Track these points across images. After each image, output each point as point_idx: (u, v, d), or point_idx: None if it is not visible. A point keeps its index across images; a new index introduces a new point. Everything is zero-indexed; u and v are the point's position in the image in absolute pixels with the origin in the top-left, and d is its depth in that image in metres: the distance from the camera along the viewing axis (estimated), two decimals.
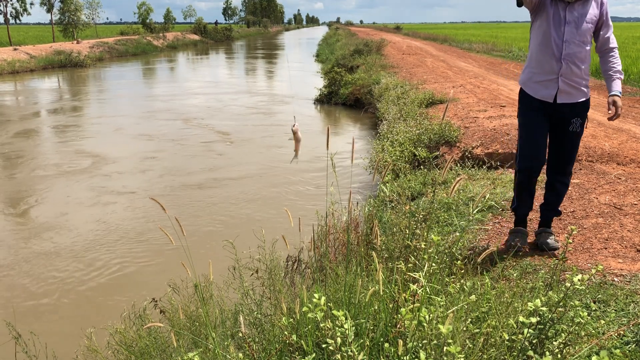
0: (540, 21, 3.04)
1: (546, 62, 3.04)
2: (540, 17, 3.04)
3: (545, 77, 3.07)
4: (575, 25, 2.97)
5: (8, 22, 33.79)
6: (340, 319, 1.70)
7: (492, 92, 10.46)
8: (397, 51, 23.68)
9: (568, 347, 1.88)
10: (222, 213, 6.67)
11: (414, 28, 68.10)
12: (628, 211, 3.89)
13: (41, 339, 2.75)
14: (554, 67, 3.02)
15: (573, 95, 3.07)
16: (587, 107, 3.15)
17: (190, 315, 2.82)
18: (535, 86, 3.13)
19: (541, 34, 3.03)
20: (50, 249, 5.65)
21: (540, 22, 3.04)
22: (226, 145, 10.47)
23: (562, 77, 3.03)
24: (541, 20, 3.03)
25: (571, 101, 3.08)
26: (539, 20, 3.05)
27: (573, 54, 2.99)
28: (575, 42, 2.98)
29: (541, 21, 3.03)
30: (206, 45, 55.35)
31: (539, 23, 3.05)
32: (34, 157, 9.73)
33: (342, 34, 48.33)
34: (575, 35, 2.98)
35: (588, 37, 3.02)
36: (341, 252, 3.56)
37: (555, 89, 3.05)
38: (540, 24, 3.04)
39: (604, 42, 3.12)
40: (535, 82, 3.13)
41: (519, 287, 2.32)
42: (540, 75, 3.09)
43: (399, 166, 6.08)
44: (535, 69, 3.13)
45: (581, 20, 2.98)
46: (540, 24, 3.04)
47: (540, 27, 3.04)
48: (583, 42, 3.00)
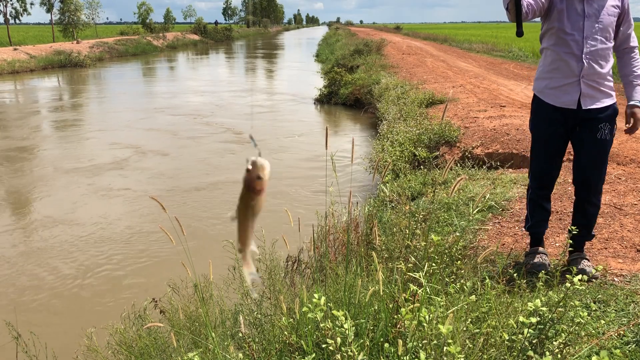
0: (552, 21, 2.72)
1: (564, 64, 2.71)
2: (551, 17, 2.73)
3: (565, 81, 2.72)
4: (595, 19, 2.65)
5: (8, 22, 33.79)
6: (340, 319, 1.70)
7: (492, 92, 10.47)
8: (397, 51, 23.68)
9: (568, 347, 1.88)
10: (221, 213, 6.67)
11: (414, 28, 68.11)
12: (628, 211, 3.89)
13: (41, 339, 2.74)
14: (574, 68, 2.68)
15: (598, 98, 2.73)
16: (615, 111, 2.80)
17: (190, 315, 2.82)
18: (554, 93, 2.77)
19: (555, 33, 2.72)
20: (50, 248, 5.65)
21: (552, 21, 2.72)
22: (225, 144, 10.47)
23: (583, 79, 2.69)
24: (553, 20, 2.72)
25: (598, 105, 2.73)
26: (550, 20, 2.74)
27: (595, 52, 2.66)
28: (597, 37, 2.66)
29: (553, 20, 2.72)
30: (206, 45, 55.35)
31: (551, 23, 2.74)
32: (34, 156, 9.73)
33: (342, 34, 48.32)
34: (597, 30, 2.65)
35: (611, 32, 2.70)
36: (341, 252, 3.56)
37: (578, 93, 2.71)
38: (553, 24, 2.72)
39: (624, 39, 2.78)
40: (552, 88, 2.78)
41: (519, 288, 2.32)
42: (558, 80, 2.75)
43: (399, 166, 6.08)
44: (552, 74, 2.78)
45: (602, 13, 2.65)
46: (552, 24, 2.73)
47: (553, 26, 2.73)
48: (605, 38, 2.68)
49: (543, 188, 2.98)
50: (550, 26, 2.74)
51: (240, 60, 36.82)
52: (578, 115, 2.74)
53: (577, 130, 2.79)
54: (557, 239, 3.50)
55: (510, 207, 4.16)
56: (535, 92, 2.90)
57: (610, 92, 2.76)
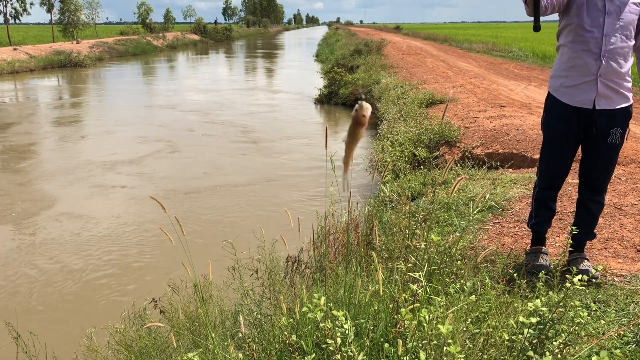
0: (571, 17, 2.63)
1: (582, 62, 2.62)
2: (570, 13, 2.64)
3: (582, 80, 2.64)
4: (617, 16, 2.55)
5: (8, 22, 33.81)
6: (340, 319, 1.70)
7: (492, 92, 10.47)
8: (397, 51, 23.68)
9: (568, 347, 1.88)
10: (221, 213, 6.67)
11: (414, 28, 68.12)
12: (628, 211, 3.89)
13: (41, 339, 2.74)
14: (592, 66, 2.60)
15: (614, 99, 2.65)
16: (629, 114, 2.73)
17: (189, 316, 2.82)
18: (570, 91, 2.69)
19: (574, 29, 2.62)
20: (50, 248, 5.65)
21: (571, 17, 2.63)
22: (226, 144, 10.47)
23: (601, 78, 2.60)
24: (572, 16, 2.62)
25: (611, 107, 2.65)
26: (569, 16, 2.65)
27: (614, 50, 2.57)
28: (617, 35, 2.56)
29: (572, 16, 2.62)
30: (206, 45, 55.37)
31: (570, 19, 2.64)
32: (34, 156, 9.73)
33: (342, 34, 48.35)
34: (618, 28, 2.56)
35: (632, 30, 2.60)
36: (341, 252, 3.56)
37: (594, 93, 2.62)
38: (572, 19, 2.62)
39: None
40: (568, 86, 2.69)
41: (519, 287, 2.32)
42: (575, 78, 2.66)
43: (399, 166, 6.08)
44: (568, 72, 2.69)
45: (624, 10, 2.56)
46: (571, 19, 2.63)
47: (572, 23, 2.63)
48: (626, 36, 2.58)
49: (551, 188, 2.93)
50: (569, 22, 2.65)
51: (241, 60, 36.83)
52: (592, 115, 2.67)
53: (589, 131, 2.72)
54: (557, 239, 3.50)
55: (510, 207, 4.16)
56: (550, 91, 2.81)
57: (626, 94, 2.68)
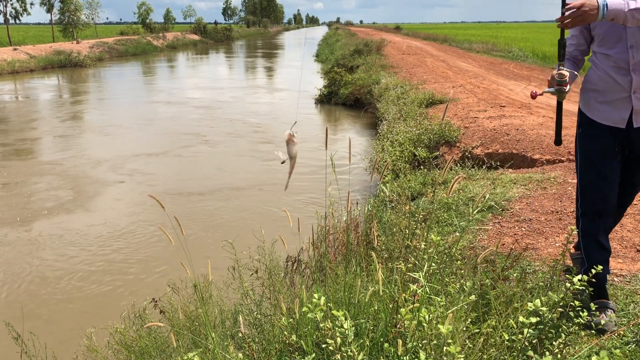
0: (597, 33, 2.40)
1: (610, 79, 2.37)
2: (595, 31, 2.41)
3: (614, 96, 2.37)
4: None
5: (8, 22, 33.81)
6: (340, 319, 1.70)
7: (492, 92, 10.47)
8: (397, 51, 23.68)
9: (568, 347, 1.88)
10: (221, 213, 6.67)
11: (414, 28, 68.11)
12: (628, 211, 3.89)
13: (41, 339, 2.74)
14: (623, 83, 2.33)
15: None
16: None
17: (189, 315, 2.82)
18: (601, 108, 2.41)
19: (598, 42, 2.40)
20: (50, 248, 5.65)
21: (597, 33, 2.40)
22: (226, 144, 10.47)
23: (635, 95, 2.32)
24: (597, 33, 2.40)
25: None
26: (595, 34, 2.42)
27: None
28: None
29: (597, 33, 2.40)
30: (206, 45, 55.38)
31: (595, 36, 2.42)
32: (35, 156, 9.73)
33: (342, 34, 48.35)
34: None
35: None
36: (341, 252, 3.56)
37: (629, 110, 2.35)
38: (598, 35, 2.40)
39: None
40: (600, 102, 2.42)
41: (519, 288, 2.33)
42: (606, 95, 2.40)
43: (398, 166, 6.08)
44: (597, 86, 2.43)
45: None
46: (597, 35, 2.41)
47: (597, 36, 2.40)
48: None
49: (599, 215, 2.46)
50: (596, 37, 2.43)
51: (241, 60, 36.83)
52: (628, 134, 2.39)
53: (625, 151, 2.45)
54: (557, 239, 3.50)
55: (510, 207, 4.16)
56: (580, 106, 2.54)
57: None
